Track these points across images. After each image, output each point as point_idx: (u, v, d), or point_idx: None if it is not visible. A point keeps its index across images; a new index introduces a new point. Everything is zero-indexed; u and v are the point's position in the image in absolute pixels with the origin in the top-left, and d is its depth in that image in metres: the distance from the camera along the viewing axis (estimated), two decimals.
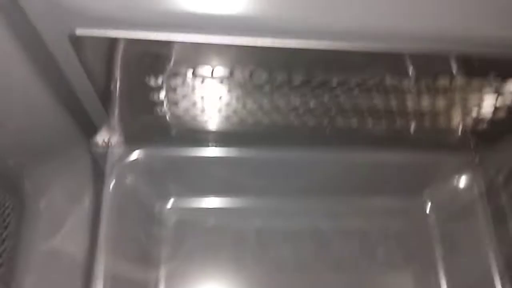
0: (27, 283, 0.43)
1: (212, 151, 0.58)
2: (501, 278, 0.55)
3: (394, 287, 0.60)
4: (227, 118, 0.52)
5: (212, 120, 0.53)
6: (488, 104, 0.52)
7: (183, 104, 0.50)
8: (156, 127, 0.54)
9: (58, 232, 0.46)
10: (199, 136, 0.57)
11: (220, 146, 0.58)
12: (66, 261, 0.46)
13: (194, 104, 0.50)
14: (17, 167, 0.42)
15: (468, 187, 0.60)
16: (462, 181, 0.61)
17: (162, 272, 0.56)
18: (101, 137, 0.55)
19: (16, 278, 0.42)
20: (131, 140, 0.56)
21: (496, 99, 0.51)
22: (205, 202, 0.61)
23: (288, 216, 0.62)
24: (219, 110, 0.51)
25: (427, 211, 0.63)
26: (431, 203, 0.63)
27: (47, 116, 0.43)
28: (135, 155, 0.56)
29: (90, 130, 0.52)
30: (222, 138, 0.57)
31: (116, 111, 0.53)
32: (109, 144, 0.56)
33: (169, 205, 0.60)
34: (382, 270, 0.60)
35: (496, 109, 0.52)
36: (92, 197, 0.51)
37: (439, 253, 0.61)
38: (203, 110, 0.51)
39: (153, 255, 0.57)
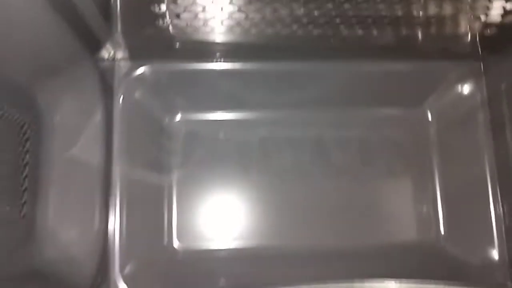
0: (51, 193, 0.47)
1: (217, 65, 0.58)
2: (493, 187, 0.58)
3: (392, 193, 0.63)
4: (230, 29, 0.52)
5: (215, 32, 0.53)
6: (497, 6, 0.50)
7: (185, 16, 0.50)
8: (160, 41, 0.54)
9: (75, 144, 0.49)
10: (204, 50, 0.57)
11: (224, 60, 0.58)
12: (84, 171, 0.49)
13: (196, 15, 0.49)
14: (29, 84, 0.43)
15: (471, 95, 0.61)
16: (465, 89, 0.61)
17: (174, 178, 0.60)
18: (106, 52, 0.55)
19: (41, 188, 0.46)
20: (137, 55, 0.57)
21: (506, 1, 0.50)
22: (212, 115, 0.63)
23: (291, 127, 0.64)
24: (222, 22, 0.51)
25: (429, 120, 0.64)
26: (432, 112, 0.64)
27: (51, 32, 0.43)
28: (141, 69, 0.57)
29: (96, 46, 0.53)
30: (226, 52, 0.57)
31: (119, 25, 0.53)
32: (115, 58, 0.57)
33: (177, 118, 0.62)
34: (381, 177, 0.63)
35: (505, 12, 0.51)
36: (103, 111, 0.53)
37: (437, 161, 0.63)
38: (205, 22, 0.51)
39: (165, 163, 0.60)
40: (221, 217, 0.60)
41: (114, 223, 0.52)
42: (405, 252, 0.60)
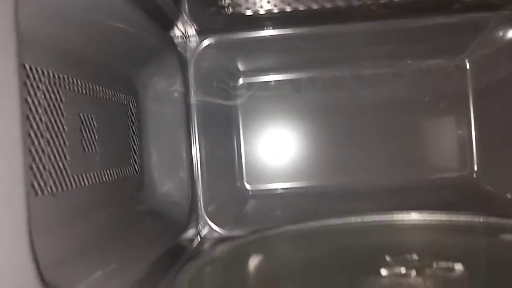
0: (152, 153, 0.60)
1: (270, 32, 0.67)
2: None
3: (430, 132, 0.72)
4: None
5: (265, 6, 0.61)
6: None
7: None
8: (221, 17, 0.63)
9: (164, 110, 0.61)
10: (257, 21, 0.65)
11: (274, 28, 0.66)
12: (172, 132, 0.62)
13: None
14: (128, 72, 0.55)
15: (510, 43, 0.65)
16: (505, 38, 0.66)
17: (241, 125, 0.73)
18: (179, 31, 0.65)
19: (145, 150, 0.59)
20: (203, 31, 0.66)
21: None
22: (268, 77, 0.73)
23: (340, 81, 0.72)
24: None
25: (467, 69, 0.70)
26: (471, 62, 0.70)
27: (136, 23, 0.53)
28: (207, 42, 0.67)
29: (170, 26, 0.63)
30: (276, 20, 0.65)
31: (186, 6, 0.63)
32: (186, 35, 0.67)
33: (240, 82, 0.73)
34: (419, 117, 0.71)
35: None
36: (181, 80, 0.64)
37: (474, 105, 0.69)
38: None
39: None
40: (283, 160, 0.72)
41: (197, 170, 0.66)
42: (440, 188, 0.69)
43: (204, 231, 0.66)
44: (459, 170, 0.70)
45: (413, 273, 0.39)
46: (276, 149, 0.72)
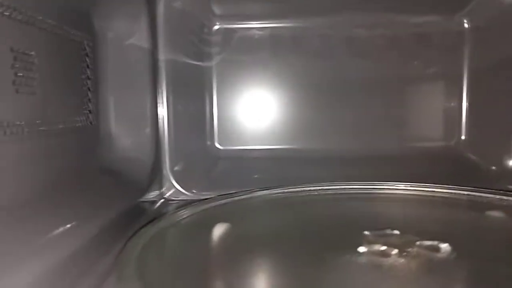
0: (110, 101, 0.53)
1: None
2: None
3: (419, 98, 0.67)
4: None
5: None
6: None
7: None
8: None
9: (125, 53, 0.53)
10: None
11: None
12: (135, 78, 0.55)
13: None
14: (86, 10, 0.47)
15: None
16: None
17: (214, 77, 0.66)
18: None
19: (102, 98, 0.52)
20: None
21: None
22: (246, 23, 0.66)
23: (324, 28, 0.65)
24: None
25: (465, 27, 0.64)
26: (469, 20, 0.64)
27: None
28: None
29: None
30: None
31: None
32: None
33: (215, 27, 0.65)
34: (409, 81, 0.66)
35: None
36: (147, 19, 0.56)
37: (468, 69, 0.64)
38: None
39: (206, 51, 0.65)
40: (258, 122, 0.66)
41: (163, 126, 0.59)
42: (426, 156, 0.65)
43: (168, 193, 0.60)
44: (446, 140, 0.66)
45: (394, 251, 0.34)
46: (251, 110, 0.66)
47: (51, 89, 0.40)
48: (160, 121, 0.58)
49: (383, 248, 0.35)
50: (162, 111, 0.58)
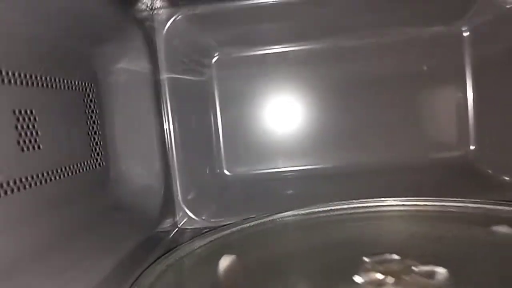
0: (117, 142, 0.55)
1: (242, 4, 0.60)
2: None
3: (424, 108, 0.66)
4: None
5: None
6: None
7: None
8: None
9: (129, 95, 0.56)
10: None
11: None
12: (141, 120, 0.57)
13: None
14: (84, 53, 0.50)
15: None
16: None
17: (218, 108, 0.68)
18: (143, 4, 0.59)
19: (109, 139, 0.54)
20: (172, 2, 0.60)
21: None
22: (244, 51, 0.67)
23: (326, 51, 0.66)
24: None
25: (465, 36, 0.63)
26: (470, 28, 0.63)
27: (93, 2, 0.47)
28: (176, 15, 0.61)
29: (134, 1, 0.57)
30: None
31: None
32: (153, 7, 0.61)
33: (214, 58, 0.67)
34: (412, 91, 0.66)
35: None
36: (148, 58, 0.58)
37: (472, 78, 0.63)
38: None
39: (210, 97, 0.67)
40: (264, 142, 0.68)
41: (172, 157, 0.61)
42: (433, 166, 0.64)
43: (182, 221, 0.62)
44: (454, 149, 0.65)
45: (391, 280, 0.35)
46: (257, 131, 0.67)
47: (56, 140, 0.43)
48: (168, 152, 0.61)
49: (380, 277, 0.35)
50: (170, 142, 0.61)
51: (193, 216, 0.62)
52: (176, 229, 0.61)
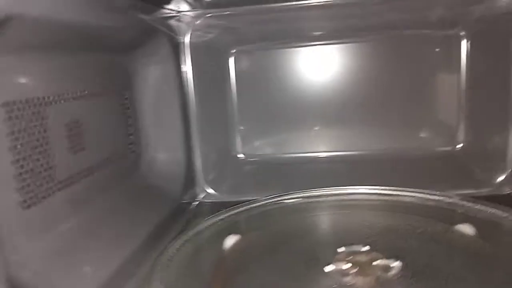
0: (149, 131, 0.66)
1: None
2: None
3: (417, 102, 0.71)
4: None
5: None
6: None
7: None
8: None
9: (159, 91, 0.65)
10: None
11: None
12: (168, 112, 0.67)
13: None
14: (120, 60, 0.59)
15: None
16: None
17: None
18: (172, 6, 0.67)
19: (141, 130, 0.64)
20: (196, 6, 0.67)
21: None
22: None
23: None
24: None
25: (462, 36, 0.67)
26: (466, 29, 0.66)
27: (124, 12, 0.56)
28: (202, 18, 0.68)
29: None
30: None
31: None
32: (179, 11, 0.68)
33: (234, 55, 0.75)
34: (407, 86, 0.71)
35: None
36: (175, 60, 0.67)
37: (466, 77, 0.68)
38: None
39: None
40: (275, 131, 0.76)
41: (194, 144, 0.71)
42: (423, 159, 0.70)
43: (202, 196, 0.73)
44: (444, 144, 0.70)
45: (353, 270, 0.44)
46: (270, 118, 0.75)
47: (98, 139, 0.53)
48: (190, 138, 0.70)
49: (346, 267, 0.45)
50: (191, 129, 0.70)
51: (211, 192, 0.73)
52: (197, 202, 0.73)
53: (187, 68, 0.69)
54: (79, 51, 0.49)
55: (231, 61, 0.75)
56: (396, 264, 0.44)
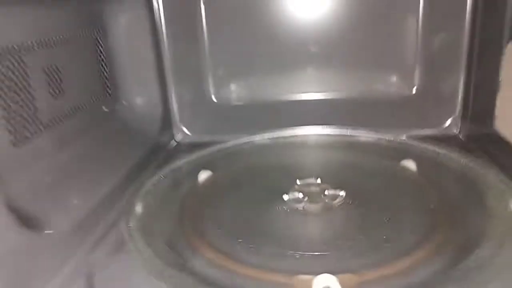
0: (126, 79, 0.69)
1: None
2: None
3: (375, 46, 0.74)
4: None
5: None
6: None
7: None
8: None
9: (131, 38, 0.68)
10: None
11: None
12: (146, 55, 0.70)
13: None
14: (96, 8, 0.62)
15: None
16: None
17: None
18: None
19: (117, 78, 0.68)
20: None
21: None
22: None
23: None
24: None
25: None
26: None
27: None
28: None
29: None
30: None
31: None
32: None
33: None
34: (365, 29, 0.73)
35: None
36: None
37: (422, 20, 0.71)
38: None
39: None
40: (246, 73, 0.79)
41: (169, 85, 0.76)
42: (379, 101, 0.75)
43: (178, 136, 0.78)
44: (401, 88, 0.75)
45: (306, 198, 0.51)
46: (244, 61, 0.77)
47: (75, 84, 0.57)
48: (165, 80, 0.74)
49: (300, 196, 0.52)
50: (166, 66, 0.74)
51: (187, 133, 0.78)
52: (175, 143, 0.78)
53: (159, 9, 0.71)
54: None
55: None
56: (342, 193, 0.51)
